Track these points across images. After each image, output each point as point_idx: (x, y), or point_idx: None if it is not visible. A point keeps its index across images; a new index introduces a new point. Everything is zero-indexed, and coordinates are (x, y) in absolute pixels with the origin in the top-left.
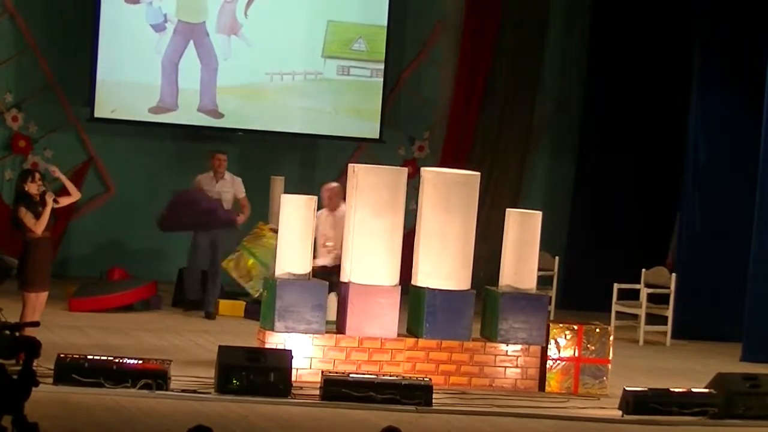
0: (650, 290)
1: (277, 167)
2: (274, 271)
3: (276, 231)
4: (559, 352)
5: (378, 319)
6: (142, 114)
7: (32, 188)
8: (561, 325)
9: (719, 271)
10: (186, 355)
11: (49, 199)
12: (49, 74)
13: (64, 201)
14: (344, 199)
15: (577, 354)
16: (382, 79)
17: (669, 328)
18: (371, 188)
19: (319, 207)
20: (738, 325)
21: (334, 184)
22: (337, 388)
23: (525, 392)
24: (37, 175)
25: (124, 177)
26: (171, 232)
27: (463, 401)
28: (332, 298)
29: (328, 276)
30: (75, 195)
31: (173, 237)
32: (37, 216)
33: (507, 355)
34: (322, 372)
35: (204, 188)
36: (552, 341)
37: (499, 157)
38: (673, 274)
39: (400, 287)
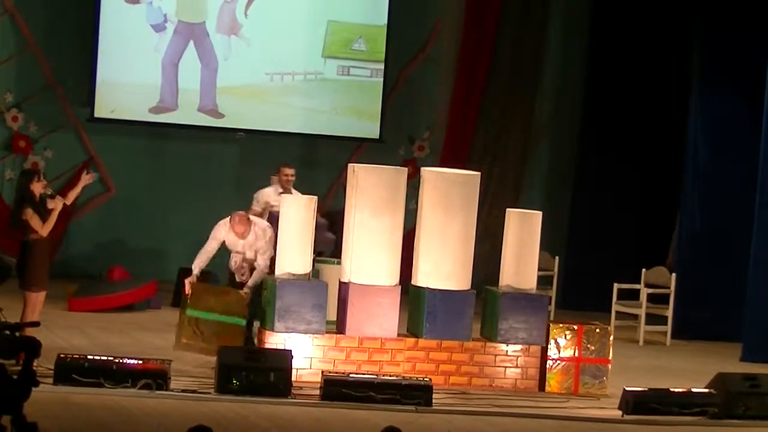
0: (650, 290)
1: (277, 167)
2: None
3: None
4: (559, 352)
5: (378, 319)
6: (142, 114)
7: (37, 188)
8: (561, 325)
9: (719, 271)
10: (186, 355)
11: (59, 202)
12: (49, 74)
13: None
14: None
15: (577, 354)
16: (382, 79)
17: (669, 328)
18: (371, 188)
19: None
20: (738, 325)
21: (242, 213)
22: (337, 388)
23: (525, 392)
24: (43, 176)
25: (124, 177)
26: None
27: (463, 401)
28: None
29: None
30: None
31: (173, 237)
32: (43, 218)
33: (507, 355)
34: (322, 372)
35: (271, 204)
36: (552, 341)
37: (499, 157)
38: (673, 274)
39: (400, 287)
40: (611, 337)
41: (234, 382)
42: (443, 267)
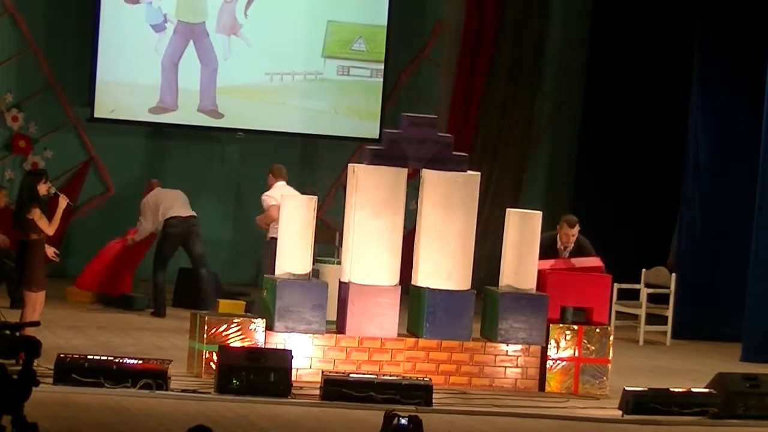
0: (650, 290)
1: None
2: None
3: None
4: (559, 352)
5: (378, 319)
6: (142, 114)
7: (43, 189)
8: (561, 325)
9: (719, 271)
10: (186, 355)
11: (63, 201)
12: (49, 74)
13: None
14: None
15: (577, 354)
16: (382, 79)
17: (669, 328)
18: (371, 188)
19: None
20: (738, 325)
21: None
22: (337, 388)
23: (525, 392)
24: (47, 177)
25: (124, 177)
26: None
27: (463, 401)
28: None
29: None
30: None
31: None
32: (49, 218)
33: (507, 355)
34: (322, 372)
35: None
36: (552, 341)
37: (499, 157)
38: (673, 274)
39: (400, 287)
40: (611, 337)
41: (234, 382)
42: (443, 267)
